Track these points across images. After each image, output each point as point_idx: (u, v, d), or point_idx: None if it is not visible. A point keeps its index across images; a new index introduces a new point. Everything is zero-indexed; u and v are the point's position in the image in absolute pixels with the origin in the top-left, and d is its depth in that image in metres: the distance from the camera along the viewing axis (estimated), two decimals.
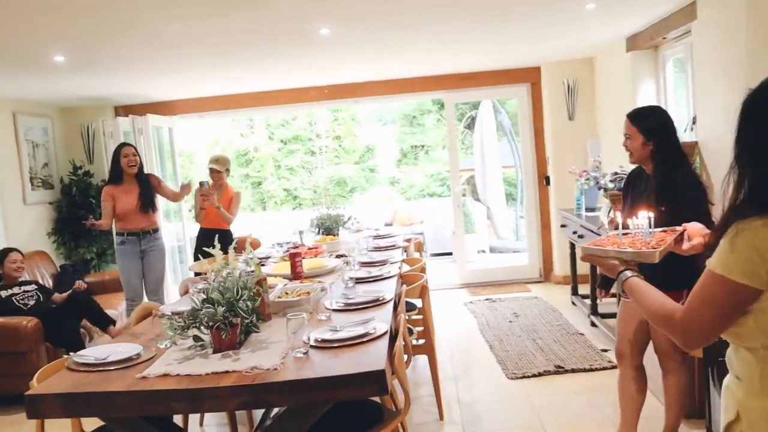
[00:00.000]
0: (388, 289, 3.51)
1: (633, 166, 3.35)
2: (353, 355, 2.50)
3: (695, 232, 1.92)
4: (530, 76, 7.54)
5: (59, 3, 3.47)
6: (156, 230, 5.88)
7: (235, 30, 4.47)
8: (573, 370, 4.57)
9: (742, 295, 1.43)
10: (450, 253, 9.50)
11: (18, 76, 5.48)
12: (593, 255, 1.86)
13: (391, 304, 3.24)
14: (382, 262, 4.41)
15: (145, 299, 5.74)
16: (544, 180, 7.64)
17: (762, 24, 3.77)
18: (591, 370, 4.55)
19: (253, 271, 3.03)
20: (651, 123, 3.09)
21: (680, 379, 3.26)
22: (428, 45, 5.69)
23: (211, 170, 6.14)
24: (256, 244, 6.41)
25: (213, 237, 2.96)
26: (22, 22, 3.78)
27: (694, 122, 4.95)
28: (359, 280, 3.84)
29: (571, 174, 6.42)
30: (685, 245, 1.91)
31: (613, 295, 3.96)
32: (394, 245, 5.26)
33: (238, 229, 11.25)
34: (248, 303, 2.66)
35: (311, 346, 2.60)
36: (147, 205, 5.72)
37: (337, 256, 4.70)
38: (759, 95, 1.48)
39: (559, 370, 4.59)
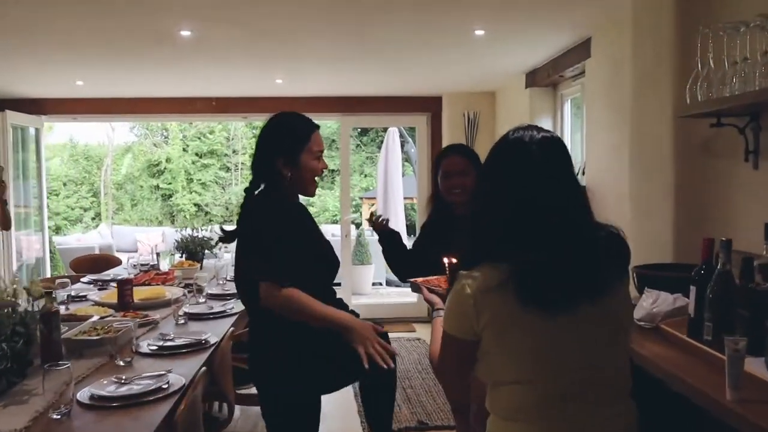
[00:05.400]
0: (218, 331, 3.03)
1: None
2: (123, 420, 2.01)
3: None
4: (431, 106, 7.26)
5: None
6: None
7: (83, 25, 3.95)
8: (436, 428, 4.17)
9: (464, 347, 1.48)
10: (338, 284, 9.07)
11: None
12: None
13: (212, 350, 2.76)
14: (234, 295, 3.90)
15: None
16: None
17: (647, 59, 3.51)
18: (454, 428, 4.17)
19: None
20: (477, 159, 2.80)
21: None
22: (312, 64, 5.33)
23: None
24: (115, 262, 5.78)
25: None
26: None
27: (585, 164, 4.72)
28: (193, 317, 3.34)
29: None
30: None
31: None
32: None
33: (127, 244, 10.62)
34: (3, 346, 2.13)
35: (80, 404, 2.08)
36: None
37: (186, 285, 4.16)
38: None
39: (422, 427, 4.18)
